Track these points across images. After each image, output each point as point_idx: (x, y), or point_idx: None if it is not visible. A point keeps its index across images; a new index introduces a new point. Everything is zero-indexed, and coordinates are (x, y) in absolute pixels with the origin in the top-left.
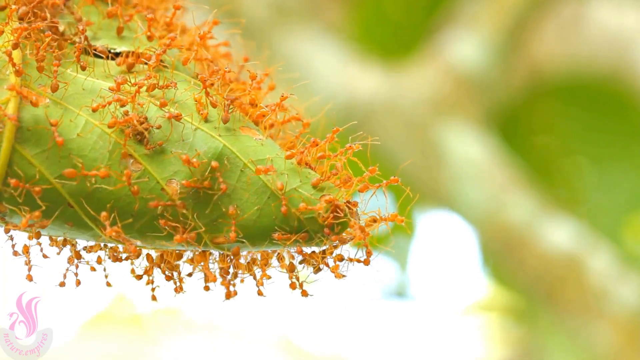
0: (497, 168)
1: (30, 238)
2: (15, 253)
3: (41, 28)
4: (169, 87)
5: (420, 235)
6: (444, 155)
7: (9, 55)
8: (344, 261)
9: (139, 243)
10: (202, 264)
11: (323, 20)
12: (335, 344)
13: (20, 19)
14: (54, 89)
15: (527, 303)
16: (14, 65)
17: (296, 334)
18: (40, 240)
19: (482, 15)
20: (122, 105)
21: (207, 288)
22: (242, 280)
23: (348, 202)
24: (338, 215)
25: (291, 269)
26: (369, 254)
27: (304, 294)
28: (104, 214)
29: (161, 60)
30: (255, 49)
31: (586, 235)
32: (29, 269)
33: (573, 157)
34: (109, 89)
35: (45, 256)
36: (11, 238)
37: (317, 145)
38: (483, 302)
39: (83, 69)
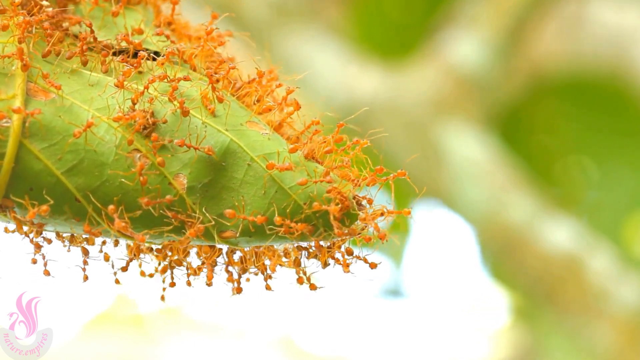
0: (497, 168)
1: (34, 234)
2: (36, 244)
3: (44, 20)
4: (181, 81)
5: (418, 233)
6: (444, 155)
7: (20, 51)
8: (352, 255)
9: (147, 238)
10: (207, 258)
11: (323, 20)
12: (337, 344)
13: (22, 6)
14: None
15: (527, 302)
16: (21, 59)
17: (297, 334)
18: (44, 236)
19: (482, 15)
20: (134, 102)
21: (210, 284)
22: (247, 280)
23: (356, 195)
24: (345, 208)
25: (297, 263)
26: (382, 237)
27: (312, 287)
28: (111, 207)
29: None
30: (256, 49)
31: (586, 235)
32: (45, 264)
33: (574, 156)
34: (114, 85)
35: (35, 257)
36: (26, 234)
37: (324, 140)
38: (479, 300)
39: (84, 63)
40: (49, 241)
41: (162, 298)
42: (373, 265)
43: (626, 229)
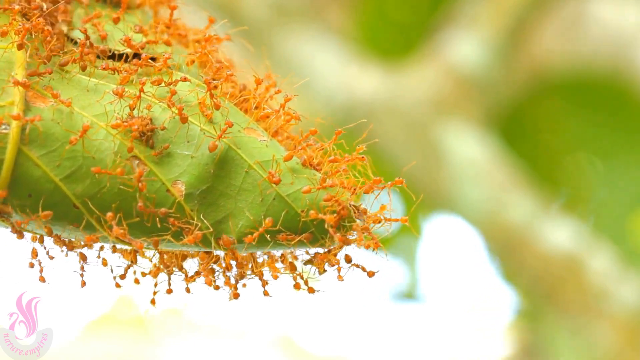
0: (497, 168)
1: (34, 240)
2: (34, 251)
3: (43, 27)
4: (177, 83)
5: (428, 237)
6: (444, 156)
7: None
8: (350, 263)
9: (145, 244)
10: (205, 264)
11: (323, 21)
12: (337, 344)
13: (23, 15)
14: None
15: (531, 302)
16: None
17: (298, 335)
18: (44, 243)
19: (482, 15)
20: (132, 109)
21: (216, 287)
22: (244, 285)
23: (353, 204)
24: (342, 215)
25: (292, 269)
26: (376, 246)
27: (311, 290)
28: (109, 214)
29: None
30: (255, 52)
31: (586, 235)
32: (41, 271)
33: (576, 155)
34: (113, 92)
35: (32, 261)
36: (34, 238)
37: (322, 148)
38: (482, 300)
39: (83, 69)
40: (50, 255)
41: (153, 302)
42: (371, 274)
43: (631, 226)
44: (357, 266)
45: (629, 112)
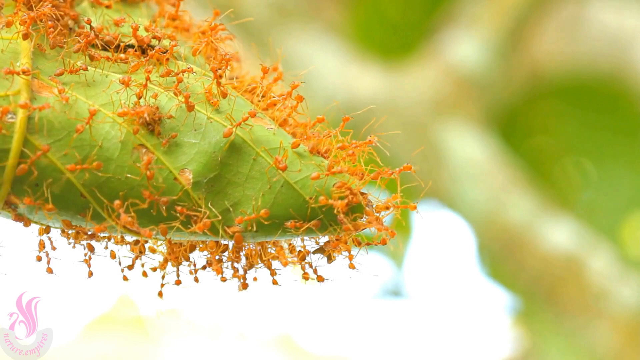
0: (497, 168)
1: (40, 232)
2: (42, 243)
3: (48, 14)
4: (184, 73)
5: (418, 234)
6: (444, 156)
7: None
8: (361, 245)
9: (153, 233)
10: (213, 253)
11: (323, 20)
12: (337, 344)
13: (29, 7)
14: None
15: (526, 302)
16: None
17: (298, 334)
18: (50, 233)
19: (482, 15)
20: (139, 97)
21: (224, 279)
22: (254, 279)
23: (361, 191)
24: (351, 202)
25: (301, 258)
26: (390, 233)
27: (320, 279)
28: (117, 202)
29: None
30: (256, 49)
31: (586, 235)
32: (48, 262)
33: (572, 157)
34: (120, 81)
35: (39, 254)
36: (46, 230)
37: (330, 135)
38: (478, 300)
39: (92, 59)
40: (53, 246)
41: (160, 295)
42: (384, 242)
43: (624, 229)
44: (369, 244)
45: (626, 115)
